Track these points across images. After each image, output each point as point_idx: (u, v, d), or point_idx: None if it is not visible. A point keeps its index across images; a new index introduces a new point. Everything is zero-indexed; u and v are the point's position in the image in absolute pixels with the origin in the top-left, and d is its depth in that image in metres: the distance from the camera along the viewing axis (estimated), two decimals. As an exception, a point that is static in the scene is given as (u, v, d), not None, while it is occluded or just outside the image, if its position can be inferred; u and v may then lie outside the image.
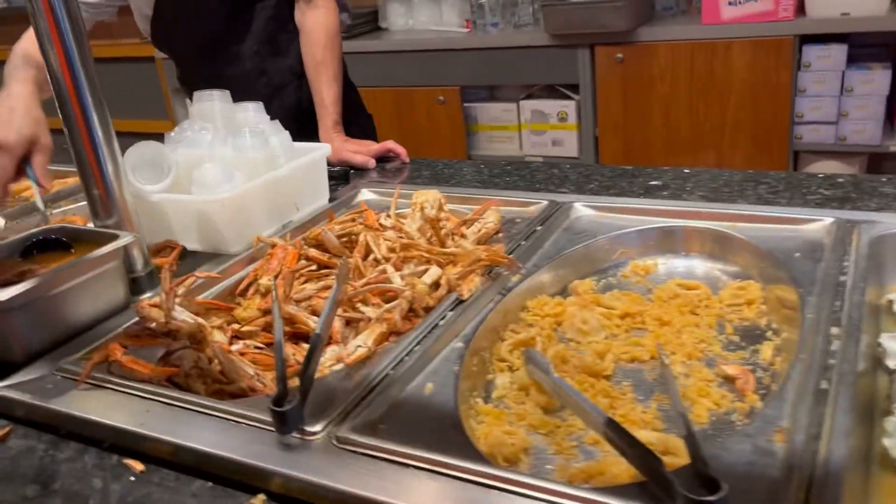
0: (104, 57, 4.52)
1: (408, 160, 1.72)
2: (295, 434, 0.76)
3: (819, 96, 2.75)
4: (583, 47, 3.08)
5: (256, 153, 1.27)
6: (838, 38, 2.68)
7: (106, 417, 0.84)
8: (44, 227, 1.15)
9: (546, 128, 3.34)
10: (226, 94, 1.36)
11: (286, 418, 0.74)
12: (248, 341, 1.02)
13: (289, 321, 1.04)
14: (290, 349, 1.00)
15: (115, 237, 1.08)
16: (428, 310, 0.99)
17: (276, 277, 1.14)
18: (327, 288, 1.09)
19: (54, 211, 1.57)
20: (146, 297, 1.15)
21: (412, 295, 0.97)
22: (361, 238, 1.16)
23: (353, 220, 1.22)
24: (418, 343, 0.89)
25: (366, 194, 1.45)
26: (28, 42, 1.52)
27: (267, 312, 1.07)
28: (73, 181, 1.82)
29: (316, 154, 1.35)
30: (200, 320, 1.00)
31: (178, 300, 1.01)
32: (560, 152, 3.34)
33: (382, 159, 1.74)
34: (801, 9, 2.72)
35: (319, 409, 0.78)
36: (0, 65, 1.48)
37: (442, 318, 0.94)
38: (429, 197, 1.27)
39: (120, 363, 0.89)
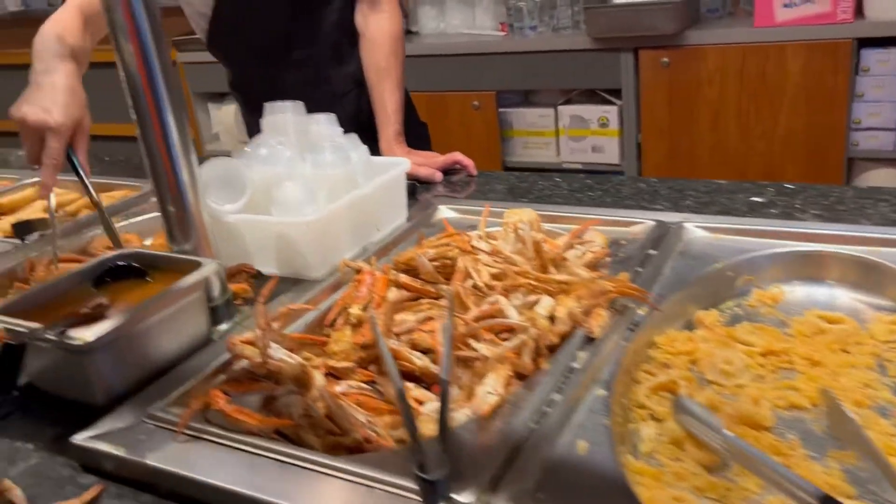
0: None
1: (475, 173, 1.63)
2: None
3: (878, 101, 2.65)
4: (626, 51, 2.98)
5: (337, 170, 1.17)
6: (898, 41, 2.58)
7: (212, 476, 0.74)
8: (116, 252, 1.06)
9: (586, 133, 3.25)
10: (299, 106, 1.26)
11: (437, 488, 0.65)
12: (349, 382, 0.92)
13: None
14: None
15: (196, 264, 0.99)
16: (551, 348, 0.89)
17: (364, 307, 1.05)
18: (429, 319, 1.00)
19: (95, 232, 1.48)
20: (223, 328, 1.06)
21: (537, 333, 0.87)
22: (460, 263, 1.06)
23: (447, 243, 1.12)
24: (557, 391, 0.80)
25: (445, 212, 1.35)
26: (58, 25, 1.41)
27: (365, 347, 0.97)
28: (122, 194, 1.73)
29: (397, 170, 1.26)
30: (300, 359, 0.90)
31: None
32: (600, 159, 3.25)
33: (447, 172, 1.64)
34: (859, 11, 2.62)
35: (462, 472, 0.69)
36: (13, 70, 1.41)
37: (574, 360, 0.85)
38: (523, 216, 1.17)
39: (223, 413, 0.79)
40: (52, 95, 1.26)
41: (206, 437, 0.80)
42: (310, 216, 1.09)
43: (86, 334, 0.83)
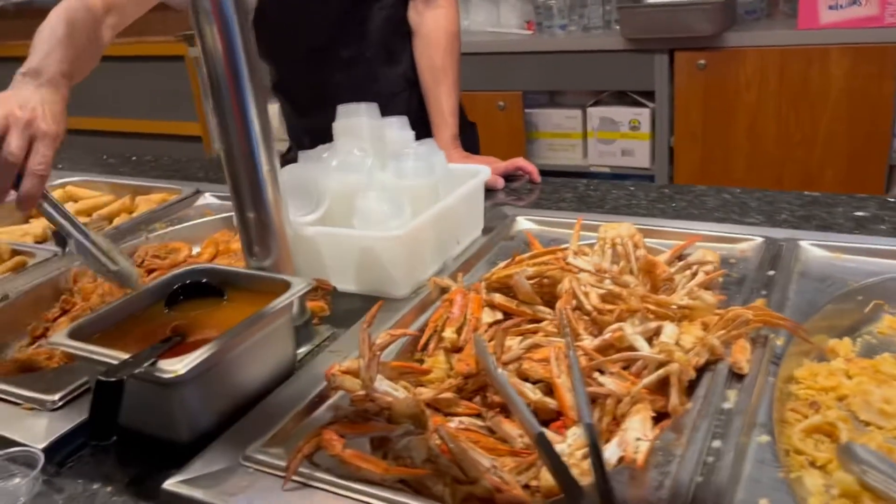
0: (130, 55, 4.31)
1: (539, 179, 1.54)
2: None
3: (923, 108, 2.58)
4: (661, 52, 2.90)
5: (420, 180, 1.08)
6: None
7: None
8: (188, 267, 0.96)
9: (616, 136, 3.16)
10: (373, 108, 1.17)
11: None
12: (462, 418, 0.83)
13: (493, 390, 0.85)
14: (510, 426, 0.81)
15: (284, 283, 0.89)
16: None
17: (458, 330, 0.96)
18: (536, 347, 0.91)
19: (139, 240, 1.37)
20: (302, 351, 0.97)
21: (679, 368, 0.78)
22: (566, 284, 0.97)
23: (546, 261, 1.03)
24: (716, 437, 0.71)
25: (524, 223, 1.26)
26: (70, 8, 1.20)
27: (470, 376, 0.88)
28: (160, 198, 1.63)
29: (478, 179, 1.17)
30: (408, 392, 0.81)
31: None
32: (630, 163, 3.16)
33: (508, 178, 1.56)
34: (907, 14, 2.55)
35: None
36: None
37: (725, 400, 0.76)
38: (622, 231, 1.09)
39: (341, 459, 0.70)
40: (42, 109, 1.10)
41: (315, 484, 0.71)
42: (397, 230, 1.00)
43: (175, 365, 0.74)
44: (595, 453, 0.66)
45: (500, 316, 1.00)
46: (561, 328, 0.90)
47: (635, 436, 0.72)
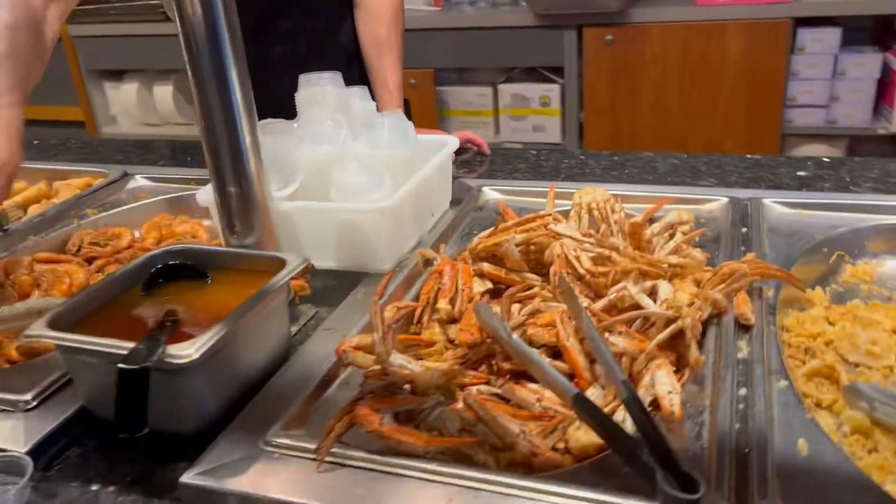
0: None
1: (489, 152, 1.54)
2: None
3: (812, 80, 2.76)
4: (569, 28, 2.96)
5: (396, 151, 1.05)
6: (830, 21, 2.70)
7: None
8: (160, 248, 0.89)
9: (527, 113, 3.20)
10: (337, 77, 1.12)
11: (696, 507, 0.56)
12: (478, 387, 0.82)
13: (505, 356, 0.85)
14: (525, 392, 0.81)
15: (277, 260, 0.85)
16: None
17: (451, 301, 0.95)
18: (535, 312, 0.90)
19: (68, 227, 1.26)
20: (295, 330, 0.92)
21: (692, 322, 0.80)
22: (557, 249, 0.97)
23: (531, 228, 1.02)
24: (740, 385, 0.73)
25: (491, 193, 1.25)
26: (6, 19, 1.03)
27: (474, 346, 0.87)
28: (83, 182, 1.50)
29: (448, 149, 1.15)
30: (422, 365, 0.79)
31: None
32: (541, 138, 3.22)
33: (457, 151, 1.54)
34: (796, -9, 2.71)
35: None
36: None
37: (738, 351, 0.78)
38: (597, 197, 1.10)
39: (380, 434, 0.67)
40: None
41: (351, 462, 0.68)
42: (381, 202, 0.96)
43: (187, 350, 0.68)
44: (638, 406, 0.66)
45: (489, 285, 0.99)
46: (561, 293, 0.90)
47: (666, 389, 0.73)
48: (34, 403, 0.78)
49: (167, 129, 3.89)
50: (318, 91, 1.10)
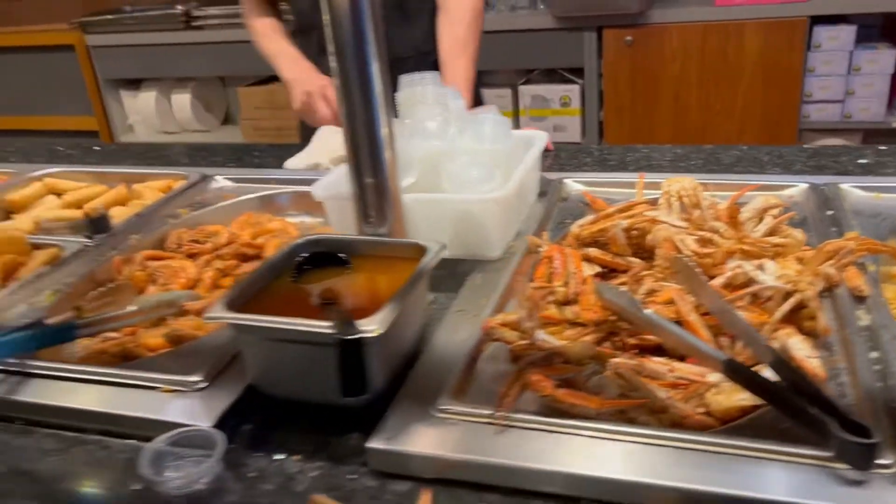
0: (13, 46, 3.99)
1: (552, 147, 1.60)
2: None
3: (827, 76, 2.85)
4: (589, 30, 3.03)
5: (498, 145, 1.11)
6: (844, 19, 2.79)
7: (582, 468, 0.68)
8: (303, 239, 0.94)
9: (547, 113, 3.28)
10: (436, 76, 1.18)
11: (872, 452, 0.62)
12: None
13: (630, 332, 0.91)
14: (657, 365, 0.87)
15: (416, 247, 0.90)
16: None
17: (565, 284, 1.01)
18: (652, 292, 0.97)
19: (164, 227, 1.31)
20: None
21: (814, 293, 0.87)
22: (662, 233, 1.03)
23: (635, 213, 1.08)
24: (871, 349, 0.80)
25: (574, 185, 1.31)
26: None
27: (599, 323, 0.93)
28: (165, 184, 1.55)
29: (540, 143, 1.21)
30: (560, 340, 0.85)
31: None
32: (562, 138, 3.28)
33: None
34: (812, -11, 2.80)
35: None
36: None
37: (859, 320, 0.85)
38: (685, 184, 1.16)
39: (555, 398, 0.73)
40: None
41: (521, 425, 0.73)
42: (495, 193, 1.02)
43: (371, 324, 0.74)
44: (787, 366, 0.72)
45: (597, 269, 1.05)
46: (679, 271, 0.96)
47: (804, 353, 0.79)
48: (205, 384, 0.83)
49: (184, 136, 3.92)
50: (420, 90, 1.16)
